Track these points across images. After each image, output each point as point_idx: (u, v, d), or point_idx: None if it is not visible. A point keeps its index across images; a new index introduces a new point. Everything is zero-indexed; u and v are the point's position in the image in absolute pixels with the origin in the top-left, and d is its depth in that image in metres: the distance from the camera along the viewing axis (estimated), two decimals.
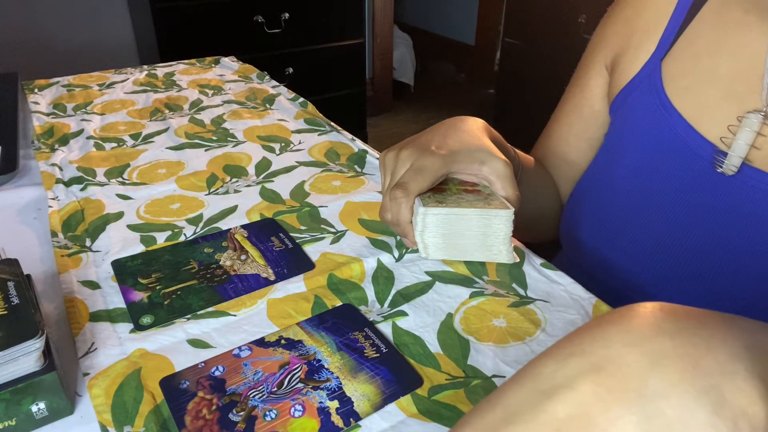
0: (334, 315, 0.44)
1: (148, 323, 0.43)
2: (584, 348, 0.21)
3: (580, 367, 0.20)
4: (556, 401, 0.20)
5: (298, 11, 2.12)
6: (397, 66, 3.08)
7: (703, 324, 0.21)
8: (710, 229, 0.49)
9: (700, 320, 0.21)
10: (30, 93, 0.90)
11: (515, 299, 0.46)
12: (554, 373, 0.21)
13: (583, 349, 0.21)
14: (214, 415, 0.35)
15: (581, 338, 0.21)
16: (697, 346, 0.20)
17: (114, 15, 2.08)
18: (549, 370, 0.21)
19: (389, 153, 0.50)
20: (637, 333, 0.21)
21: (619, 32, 0.58)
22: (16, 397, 0.33)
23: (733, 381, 0.19)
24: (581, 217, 0.59)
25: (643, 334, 0.20)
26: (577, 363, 0.21)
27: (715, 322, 0.21)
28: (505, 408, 0.21)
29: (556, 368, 0.21)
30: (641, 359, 0.20)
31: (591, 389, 0.20)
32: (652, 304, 0.22)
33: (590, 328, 0.22)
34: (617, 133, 0.57)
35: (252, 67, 1.06)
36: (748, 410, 0.18)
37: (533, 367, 0.22)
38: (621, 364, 0.20)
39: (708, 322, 0.21)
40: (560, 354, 0.21)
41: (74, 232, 0.54)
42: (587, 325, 0.22)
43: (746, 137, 0.46)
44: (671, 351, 0.20)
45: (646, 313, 0.21)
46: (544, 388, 0.21)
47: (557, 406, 0.20)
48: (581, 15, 1.99)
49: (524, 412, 0.20)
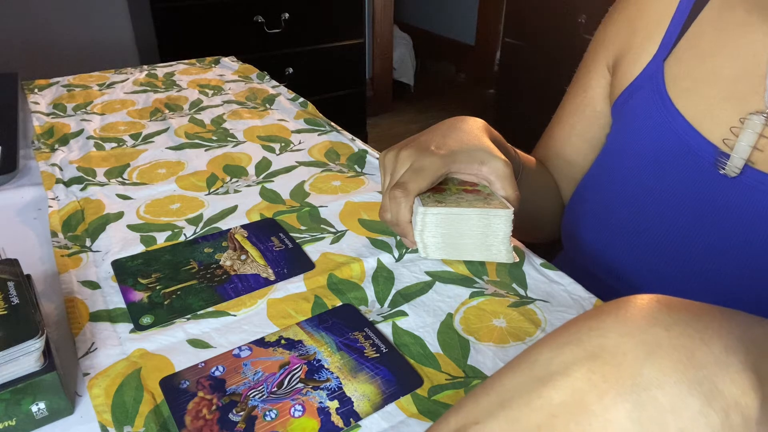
0: (334, 315, 0.44)
1: (148, 323, 0.43)
2: (580, 337, 0.21)
3: (576, 355, 0.21)
4: (551, 387, 0.20)
5: (298, 11, 2.12)
6: (397, 66, 3.08)
7: (699, 316, 0.21)
8: (712, 230, 0.49)
9: (695, 313, 0.21)
10: (30, 93, 0.90)
11: (515, 299, 0.46)
12: (550, 360, 0.21)
13: (580, 338, 0.21)
14: (214, 415, 0.35)
15: (577, 327, 0.22)
16: (692, 338, 0.20)
17: (114, 15, 2.08)
18: (545, 357, 0.21)
19: (389, 153, 0.50)
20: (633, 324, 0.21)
21: (621, 32, 0.58)
22: (16, 397, 0.33)
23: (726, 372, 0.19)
24: (582, 218, 0.59)
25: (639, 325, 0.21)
26: (573, 351, 0.21)
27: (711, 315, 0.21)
28: (500, 393, 0.21)
29: (552, 356, 0.21)
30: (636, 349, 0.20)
31: (586, 377, 0.20)
32: (648, 296, 0.22)
33: (586, 319, 0.22)
34: (619, 134, 0.57)
35: (252, 67, 1.06)
36: (741, 401, 0.19)
37: (529, 354, 0.22)
38: (616, 353, 0.20)
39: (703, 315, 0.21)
40: (556, 342, 0.22)
41: (74, 232, 0.54)
42: (583, 315, 0.23)
43: (748, 139, 0.45)
44: (666, 342, 0.20)
45: (642, 305, 0.22)
46: (539, 375, 0.21)
47: (552, 392, 0.20)
48: (581, 15, 1.99)
49: (519, 396, 0.21)
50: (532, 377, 0.21)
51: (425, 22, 3.62)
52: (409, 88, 3.23)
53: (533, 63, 2.28)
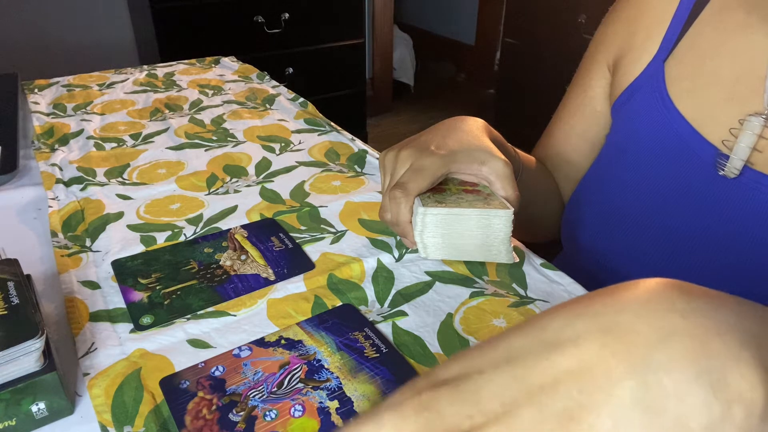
0: (334, 315, 0.44)
1: (148, 323, 0.43)
2: (595, 309, 0.21)
3: (588, 327, 0.21)
4: (559, 353, 0.20)
5: (298, 11, 2.12)
6: (397, 66, 3.08)
7: (716, 307, 0.21)
8: (712, 231, 0.49)
9: (713, 303, 0.21)
10: (30, 93, 0.90)
11: (515, 299, 0.46)
12: (562, 328, 0.21)
13: (595, 311, 0.21)
14: (214, 415, 0.35)
15: (593, 301, 0.22)
16: (708, 329, 0.20)
17: (114, 15, 2.08)
18: (557, 324, 0.21)
19: (389, 153, 0.50)
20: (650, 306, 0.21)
21: (621, 32, 0.58)
22: (16, 397, 0.33)
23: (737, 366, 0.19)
24: (582, 218, 0.59)
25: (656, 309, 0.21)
26: (586, 323, 0.21)
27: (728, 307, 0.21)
28: (508, 350, 0.21)
29: (564, 324, 0.21)
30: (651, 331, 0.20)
31: (596, 349, 0.20)
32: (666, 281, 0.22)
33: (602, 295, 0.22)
34: (619, 134, 0.57)
35: (252, 67, 1.06)
36: (747, 395, 0.19)
37: (539, 320, 0.22)
38: (629, 330, 0.20)
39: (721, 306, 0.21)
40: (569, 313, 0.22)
41: (74, 232, 0.54)
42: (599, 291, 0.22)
43: (748, 140, 0.46)
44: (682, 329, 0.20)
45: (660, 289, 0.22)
46: (549, 340, 0.21)
47: (559, 357, 0.20)
48: (581, 15, 1.99)
49: (526, 356, 0.21)
50: (541, 340, 0.21)
51: (425, 22, 3.62)
52: (409, 88, 3.23)
53: (533, 63, 2.28)
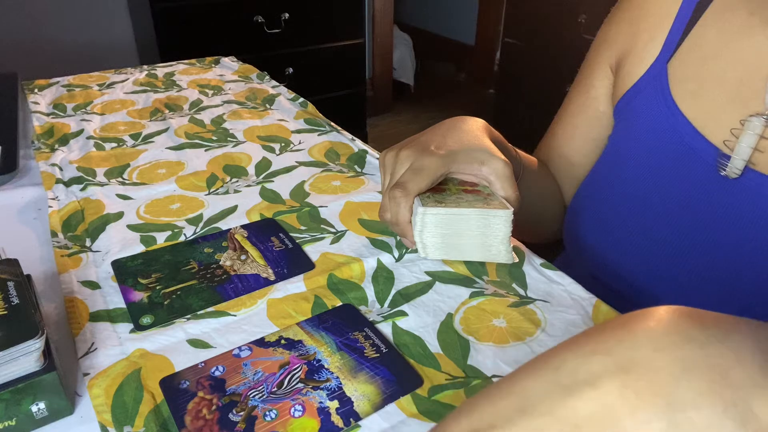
0: (334, 315, 0.44)
1: (148, 323, 0.43)
2: (609, 347, 0.20)
3: (606, 366, 0.20)
4: (578, 398, 0.20)
5: (298, 11, 2.12)
6: (397, 66, 3.08)
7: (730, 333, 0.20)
8: (713, 231, 0.49)
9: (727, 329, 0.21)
10: (30, 93, 0.90)
11: (515, 299, 0.46)
12: (576, 368, 0.20)
13: (609, 348, 0.20)
14: (214, 415, 0.35)
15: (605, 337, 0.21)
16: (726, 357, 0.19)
17: (114, 15, 2.08)
18: (571, 365, 0.21)
19: (389, 153, 0.50)
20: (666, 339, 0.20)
21: (624, 33, 0.57)
22: (16, 397, 0.33)
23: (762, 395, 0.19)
24: (584, 218, 0.59)
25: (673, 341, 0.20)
26: (602, 361, 0.20)
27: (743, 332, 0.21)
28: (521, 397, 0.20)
29: (579, 363, 0.20)
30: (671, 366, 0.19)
31: (618, 390, 0.19)
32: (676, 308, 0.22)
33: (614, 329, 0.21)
34: (621, 134, 0.57)
35: (252, 67, 1.06)
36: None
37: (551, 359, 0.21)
38: (649, 368, 0.20)
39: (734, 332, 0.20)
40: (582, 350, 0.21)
41: (74, 232, 0.54)
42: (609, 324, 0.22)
43: (749, 141, 0.46)
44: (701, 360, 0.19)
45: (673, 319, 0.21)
46: (565, 383, 0.20)
47: (579, 402, 0.20)
48: (581, 15, 1.99)
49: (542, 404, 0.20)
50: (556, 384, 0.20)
51: (425, 22, 3.62)
52: (409, 88, 3.23)
53: (533, 63, 2.28)
